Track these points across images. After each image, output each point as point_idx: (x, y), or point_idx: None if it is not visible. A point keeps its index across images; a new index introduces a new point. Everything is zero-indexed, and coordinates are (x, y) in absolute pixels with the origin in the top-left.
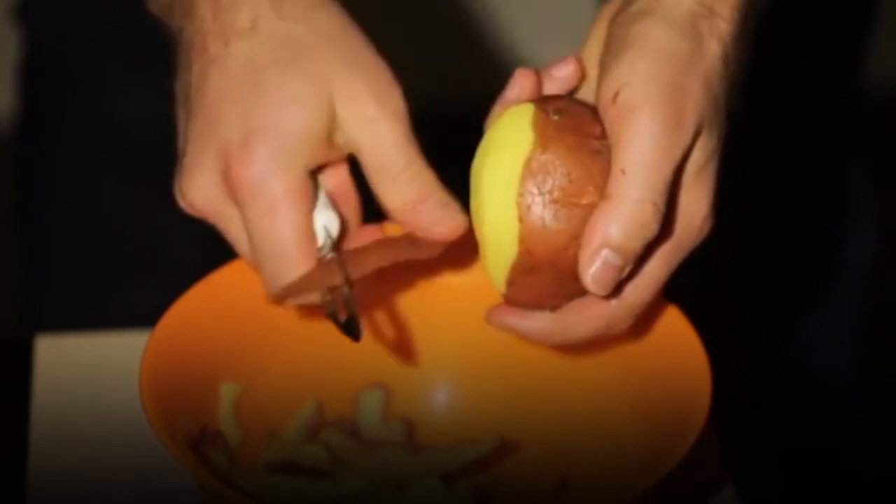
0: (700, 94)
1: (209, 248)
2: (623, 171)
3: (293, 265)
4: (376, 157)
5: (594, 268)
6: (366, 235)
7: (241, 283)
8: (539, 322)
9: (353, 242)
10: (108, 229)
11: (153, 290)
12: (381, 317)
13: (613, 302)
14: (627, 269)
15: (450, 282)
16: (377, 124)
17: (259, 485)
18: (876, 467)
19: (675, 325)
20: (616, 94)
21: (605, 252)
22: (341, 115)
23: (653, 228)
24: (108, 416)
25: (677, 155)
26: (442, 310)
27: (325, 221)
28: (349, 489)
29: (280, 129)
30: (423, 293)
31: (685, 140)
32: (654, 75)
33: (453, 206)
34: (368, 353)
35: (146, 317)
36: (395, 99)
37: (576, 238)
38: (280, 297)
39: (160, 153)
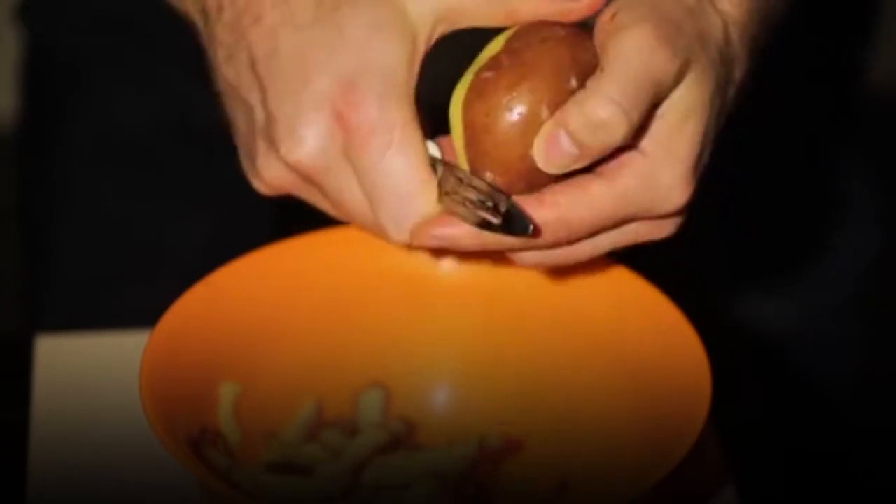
0: (693, 41)
1: (209, 248)
2: (602, 69)
3: (422, 197)
4: None
5: (547, 143)
6: (444, 143)
7: (241, 283)
8: (476, 234)
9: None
10: (108, 229)
11: (153, 290)
12: (383, 316)
13: (547, 205)
14: (578, 163)
15: (450, 281)
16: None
17: (259, 485)
18: (876, 468)
19: (675, 325)
20: (613, 15)
21: (562, 135)
22: (419, 10)
23: (615, 135)
24: (108, 416)
25: (661, 72)
26: (442, 310)
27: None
28: (348, 489)
29: (378, 63)
30: (423, 293)
31: (671, 65)
32: (653, 4)
33: None
34: (368, 353)
35: (146, 317)
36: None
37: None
38: (421, 235)
39: (161, 153)
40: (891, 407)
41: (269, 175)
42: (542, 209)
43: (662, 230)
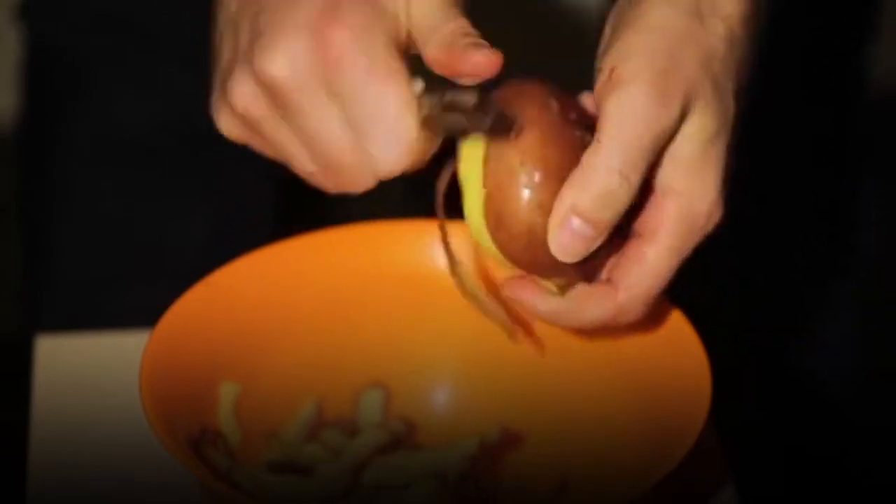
0: (694, 70)
1: (209, 248)
2: (599, 140)
3: (406, 121)
4: (428, 20)
5: (562, 235)
6: None
7: (241, 283)
8: (549, 303)
9: None
10: (108, 229)
11: (153, 290)
12: (383, 316)
13: (621, 290)
14: (599, 241)
15: (450, 281)
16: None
17: (259, 485)
18: (876, 467)
19: (675, 325)
20: (611, 71)
21: (573, 219)
22: None
23: (622, 200)
24: (108, 416)
25: (658, 127)
26: (442, 309)
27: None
28: (348, 489)
29: None
30: (423, 293)
31: (670, 112)
32: (646, 49)
33: (489, 45)
34: (368, 353)
35: (146, 317)
36: None
37: (540, 206)
38: (399, 166)
39: (161, 153)
40: (890, 407)
41: (239, 92)
42: (619, 294)
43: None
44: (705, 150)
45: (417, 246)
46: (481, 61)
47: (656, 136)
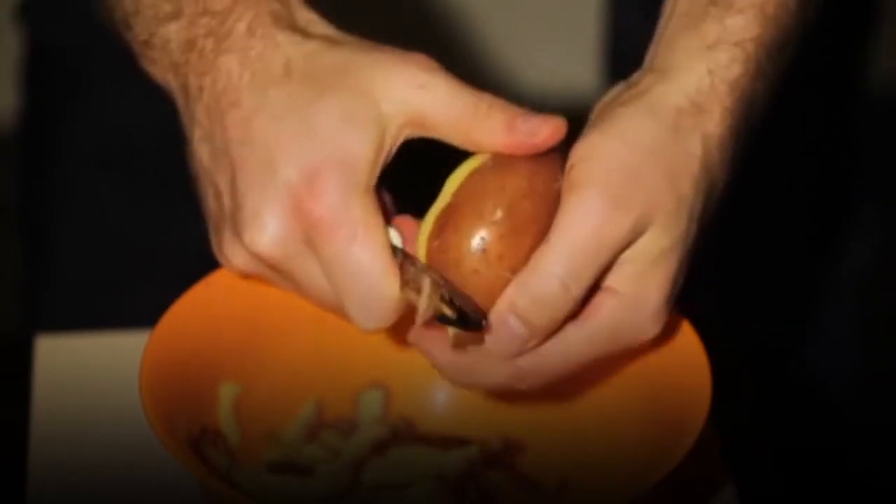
0: (657, 186)
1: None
2: (548, 240)
3: (385, 288)
4: (447, 112)
5: (498, 329)
6: (405, 226)
7: (241, 284)
8: (446, 355)
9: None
10: (108, 229)
11: (153, 290)
12: None
13: (521, 360)
14: (532, 343)
15: None
16: (432, 86)
17: (259, 485)
18: (876, 467)
19: (675, 325)
20: (571, 167)
21: (511, 317)
22: (391, 108)
23: (560, 309)
24: (108, 416)
25: (608, 238)
26: None
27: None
28: (348, 489)
29: (343, 155)
30: None
31: (622, 225)
32: (610, 156)
33: (542, 114)
34: (368, 353)
35: (146, 317)
36: (431, 62)
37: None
38: (379, 327)
39: (161, 153)
40: (889, 406)
41: (236, 261)
42: (521, 358)
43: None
44: (655, 264)
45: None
46: (548, 132)
47: (605, 247)
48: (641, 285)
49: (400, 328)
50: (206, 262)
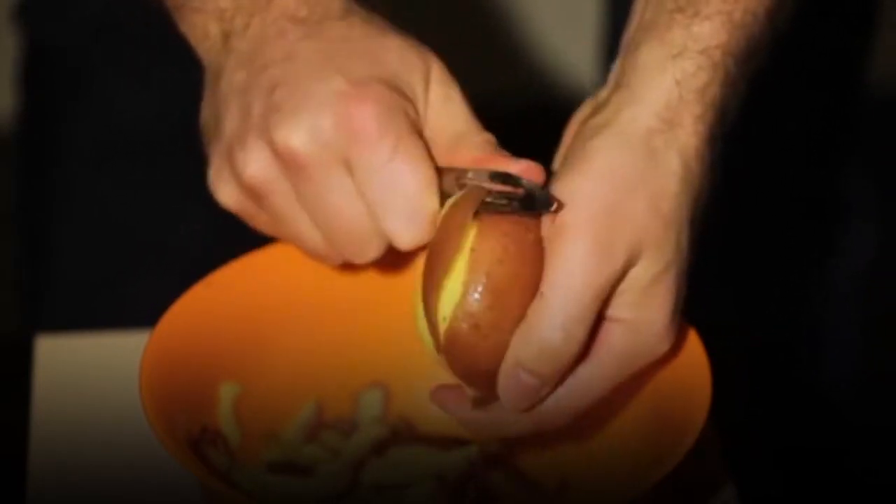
0: (642, 216)
1: (210, 248)
2: (542, 294)
3: (427, 199)
4: (454, 127)
5: (509, 386)
6: None
7: (241, 283)
8: (471, 414)
9: None
10: (108, 229)
11: (153, 289)
12: (383, 316)
13: (544, 405)
14: (546, 390)
15: None
16: (455, 103)
17: (259, 485)
18: (876, 467)
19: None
20: (556, 211)
21: (520, 372)
22: (431, 91)
23: (566, 354)
24: (108, 416)
25: (601, 280)
26: None
27: None
28: (348, 489)
29: (396, 79)
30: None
31: (613, 265)
32: (592, 197)
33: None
34: (368, 353)
35: (146, 317)
36: (457, 83)
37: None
38: (420, 240)
39: (161, 153)
40: (890, 406)
41: (252, 160)
42: (541, 406)
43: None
44: (653, 286)
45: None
46: (531, 166)
47: (599, 289)
48: (643, 310)
49: (400, 328)
50: (206, 262)
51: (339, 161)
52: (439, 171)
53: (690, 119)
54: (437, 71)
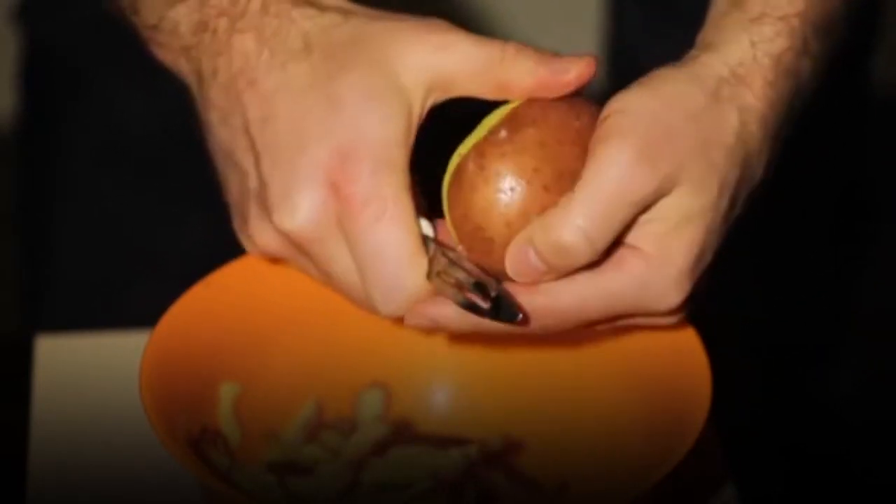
0: (689, 149)
1: (209, 249)
2: (575, 190)
3: (411, 271)
4: (473, 65)
5: (516, 257)
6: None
7: (241, 284)
8: (447, 310)
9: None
10: (108, 229)
11: (153, 290)
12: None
13: (540, 293)
14: (549, 278)
15: None
16: (452, 44)
17: (259, 485)
18: (876, 467)
19: (675, 325)
20: (605, 118)
21: (530, 252)
22: (411, 77)
23: (578, 260)
24: (108, 416)
25: (635, 195)
26: None
27: (420, 222)
28: (348, 489)
29: (373, 134)
30: None
31: (649, 181)
32: (646, 111)
33: (569, 54)
34: (368, 353)
35: (146, 317)
36: (446, 23)
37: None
38: (413, 315)
39: (160, 153)
40: (890, 407)
41: (261, 240)
42: (536, 296)
43: (659, 323)
44: (679, 227)
45: None
46: (582, 67)
47: (631, 203)
48: (664, 246)
49: (400, 328)
50: (206, 262)
51: (338, 235)
52: (436, 245)
53: (761, 82)
54: (405, 52)
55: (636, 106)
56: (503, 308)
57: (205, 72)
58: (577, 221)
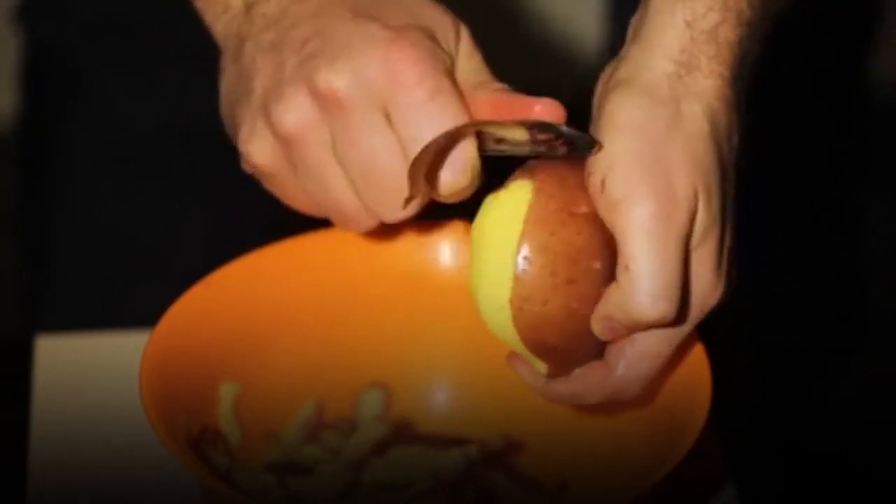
0: (685, 165)
1: (209, 249)
2: (627, 268)
3: (464, 146)
4: (476, 78)
5: (597, 325)
6: None
7: (241, 284)
8: (552, 385)
9: None
10: (108, 229)
11: (153, 290)
12: (382, 316)
13: (618, 372)
14: (630, 333)
15: (450, 281)
16: (477, 60)
17: (259, 485)
18: (876, 467)
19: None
20: (602, 183)
21: (612, 323)
22: (460, 46)
23: (672, 318)
24: (108, 416)
25: (676, 236)
26: (442, 309)
27: None
28: (348, 489)
29: (430, 22)
30: (423, 293)
31: (682, 217)
32: (633, 156)
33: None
34: (368, 353)
35: (146, 317)
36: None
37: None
38: (463, 179)
39: (161, 153)
40: (890, 406)
41: (290, 114)
42: (615, 373)
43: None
44: (703, 239)
45: (417, 246)
46: (552, 104)
47: (678, 242)
48: (695, 262)
49: (400, 328)
50: (206, 262)
51: (379, 105)
52: (476, 123)
53: (705, 60)
54: (465, 30)
55: (618, 156)
56: (577, 141)
57: None
58: (649, 290)
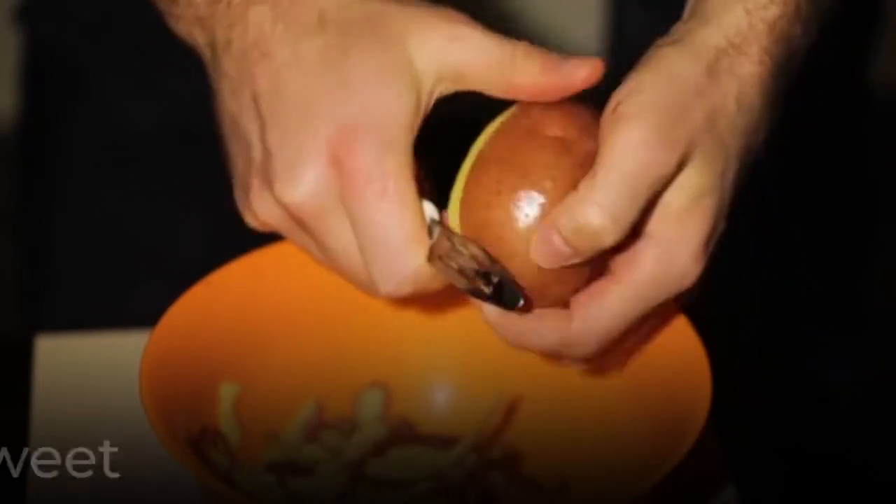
0: (698, 123)
1: (209, 249)
2: (594, 172)
3: (412, 251)
4: (483, 61)
5: (542, 243)
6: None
7: (241, 284)
8: (504, 315)
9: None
10: (108, 229)
11: (153, 290)
12: (382, 316)
13: (575, 321)
14: (574, 260)
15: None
16: (465, 37)
17: (259, 485)
18: (876, 467)
19: (675, 325)
20: (618, 103)
21: (555, 235)
22: (424, 64)
23: (604, 241)
24: (108, 416)
25: (655, 173)
26: (442, 309)
27: (425, 205)
28: (348, 489)
29: (380, 111)
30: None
31: (668, 159)
32: (658, 92)
33: (578, 56)
34: (368, 353)
35: (146, 317)
36: (461, 15)
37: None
38: (400, 294)
39: (161, 153)
40: (890, 406)
41: (262, 212)
42: (572, 323)
43: (677, 300)
44: (695, 204)
45: None
46: (587, 70)
47: (653, 181)
48: (681, 228)
49: (400, 328)
50: (206, 262)
51: (339, 210)
52: (441, 228)
53: (757, 49)
54: (421, 36)
55: (646, 87)
56: (505, 293)
57: (219, 43)
58: (603, 203)
